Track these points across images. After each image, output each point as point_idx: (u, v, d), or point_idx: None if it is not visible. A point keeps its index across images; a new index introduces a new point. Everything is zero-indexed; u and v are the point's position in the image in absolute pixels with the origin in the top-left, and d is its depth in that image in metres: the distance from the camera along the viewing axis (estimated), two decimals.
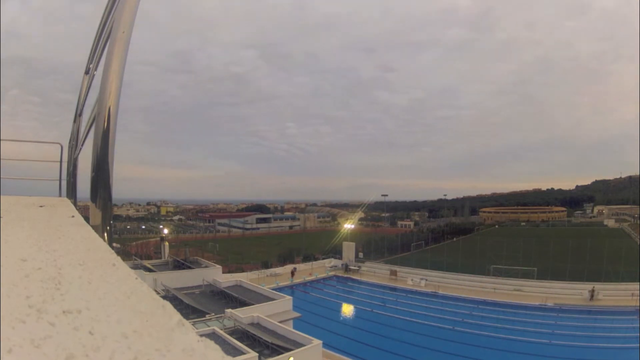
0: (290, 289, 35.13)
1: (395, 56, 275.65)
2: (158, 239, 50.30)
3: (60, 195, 5.15)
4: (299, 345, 15.82)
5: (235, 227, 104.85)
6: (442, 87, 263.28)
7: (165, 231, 45.86)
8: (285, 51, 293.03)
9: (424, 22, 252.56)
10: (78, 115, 4.28)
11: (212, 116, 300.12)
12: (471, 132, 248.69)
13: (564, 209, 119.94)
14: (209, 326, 17.40)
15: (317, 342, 16.03)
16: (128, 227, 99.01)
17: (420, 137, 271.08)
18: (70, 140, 5.13)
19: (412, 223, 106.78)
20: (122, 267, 1.13)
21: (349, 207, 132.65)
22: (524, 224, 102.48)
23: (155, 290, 1.10)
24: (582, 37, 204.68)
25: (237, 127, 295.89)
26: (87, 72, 3.88)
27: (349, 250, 46.72)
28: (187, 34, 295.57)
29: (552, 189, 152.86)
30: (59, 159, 5.16)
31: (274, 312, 20.28)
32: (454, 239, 65.99)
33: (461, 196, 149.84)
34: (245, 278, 30.34)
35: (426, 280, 38.45)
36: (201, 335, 0.70)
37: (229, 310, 19.02)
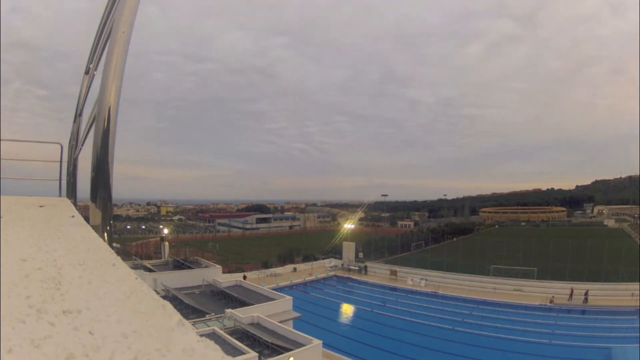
0: (290, 289, 35.15)
1: (433, 50, 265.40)
2: (158, 239, 50.30)
3: (60, 195, 5.14)
4: (299, 345, 15.82)
5: (235, 227, 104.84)
6: (475, 84, 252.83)
7: (165, 231, 45.83)
8: (317, 40, 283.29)
9: (469, 14, 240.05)
10: (78, 115, 4.28)
11: (228, 111, 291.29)
12: (491, 131, 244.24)
13: (564, 209, 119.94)
14: (209, 326, 17.40)
15: (317, 342, 16.03)
16: (128, 227, 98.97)
17: (440, 136, 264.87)
18: (70, 140, 5.13)
19: (412, 223, 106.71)
20: (122, 267, 1.13)
21: (349, 207, 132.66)
22: (524, 224, 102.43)
23: (155, 290, 1.10)
24: (619, 37, 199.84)
25: (253, 125, 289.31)
26: (87, 72, 3.88)
27: (349, 250, 46.71)
28: (210, 18, 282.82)
29: (552, 189, 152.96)
30: (59, 159, 5.16)
31: (274, 312, 20.28)
32: (454, 239, 65.98)
33: (461, 196, 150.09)
34: (246, 278, 30.34)
35: (426, 280, 38.44)
36: (201, 335, 0.70)
37: (229, 310, 19.02)
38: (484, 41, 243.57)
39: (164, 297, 2.45)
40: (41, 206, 3.25)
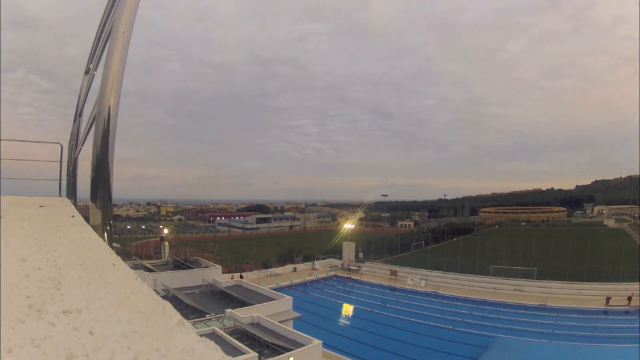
0: (290, 289, 35.15)
1: (474, 44, 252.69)
2: (158, 239, 50.30)
3: (60, 195, 5.15)
4: (299, 345, 15.82)
5: (235, 227, 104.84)
6: (508, 81, 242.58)
7: (165, 231, 45.87)
8: (353, 28, 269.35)
9: (518, 7, 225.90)
10: (78, 115, 4.28)
11: (246, 107, 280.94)
12: (511, 131, 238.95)
13: (564, 209, 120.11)
14: (209, 326, 17.41)
15: (317, 342, 16.03)
16: (128, 227, 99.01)
17: (458, 135, 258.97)
18: (70, 140, 5.13)
19: (412, 223, 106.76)
20: (122, 267, 1.13)
21: (349, 207, 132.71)
22: (524, 224, 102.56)
23: (155, 290, 1.10)
24: None
25: (272, 121, 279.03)
26: (87, 72, 3.89)
27: (349, 250, 46.71)
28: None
29: (552, 189, 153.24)
30: (59, 159, 5.17)
31: (274, 312, 20.28)
32: (454, 239, 66.00)
33: (461, 196, 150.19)
34: (245, 278, 30.36)
35: (426, 280, 38.44)
36: (201, 335, 0.70)
37: (229, 310, 19.02)
38: (528, 37, 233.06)
39: (164, 297, 2.45)
40: (41, 206, 3.25)
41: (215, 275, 27.34)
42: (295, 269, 43.45)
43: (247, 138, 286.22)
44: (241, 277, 29.43)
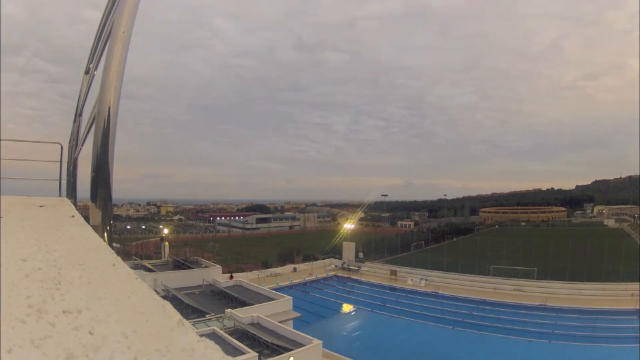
0: (290, 289, 35.14)
1: (530, 37, 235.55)
2: (158, 239, 50.31)
3: (60, 195, 5.15)
4: (299, 345, 15.83)
5: (235, 227, 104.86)
6: (548, 79, 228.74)
7: (165, 231, 45.80)
8: (410, 13, 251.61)
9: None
10: (78, 115, 4.28)
11: (275, 102, 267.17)
12: (537, 131, 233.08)
13: (564, 209, 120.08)
14: (209, 326, 17.41)
15: (317, 342, 16.04)
16: (128, 227, 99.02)
17: (480, 135, 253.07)
18: (70, 140, 5.14)
19: (412, 223, 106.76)
20: (122, 267, 1.13)
21: (349, 207, 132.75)
22: (524, 224, 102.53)
23: (155, 290, 1.10)
24: None
25: (299, 116, 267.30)
26: (87, 72, 3.89)
27: (349, 250, 46.70)
28: None
29: (552, 189, 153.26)
30: (59, 159, 5.17)
31: (274, 312, 20.29)
32: (454, 239, 65.95)
33: (461, 196, 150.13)
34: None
35: (426, 280, 38.44)
36: (201, 335, 0.70)
37: (229, 310, 19.03)
38: (584, 33, 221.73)
39: (164, 297, 2.45)
40: (41, 206, 3.25)
41: (215, 275, 27.35)
42: (295, 269, 43.46)
43: (262, 135, 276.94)
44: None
